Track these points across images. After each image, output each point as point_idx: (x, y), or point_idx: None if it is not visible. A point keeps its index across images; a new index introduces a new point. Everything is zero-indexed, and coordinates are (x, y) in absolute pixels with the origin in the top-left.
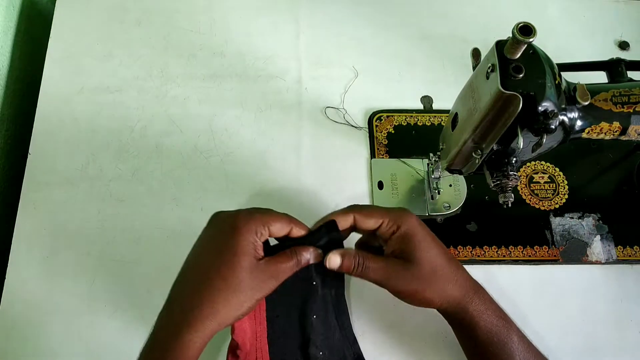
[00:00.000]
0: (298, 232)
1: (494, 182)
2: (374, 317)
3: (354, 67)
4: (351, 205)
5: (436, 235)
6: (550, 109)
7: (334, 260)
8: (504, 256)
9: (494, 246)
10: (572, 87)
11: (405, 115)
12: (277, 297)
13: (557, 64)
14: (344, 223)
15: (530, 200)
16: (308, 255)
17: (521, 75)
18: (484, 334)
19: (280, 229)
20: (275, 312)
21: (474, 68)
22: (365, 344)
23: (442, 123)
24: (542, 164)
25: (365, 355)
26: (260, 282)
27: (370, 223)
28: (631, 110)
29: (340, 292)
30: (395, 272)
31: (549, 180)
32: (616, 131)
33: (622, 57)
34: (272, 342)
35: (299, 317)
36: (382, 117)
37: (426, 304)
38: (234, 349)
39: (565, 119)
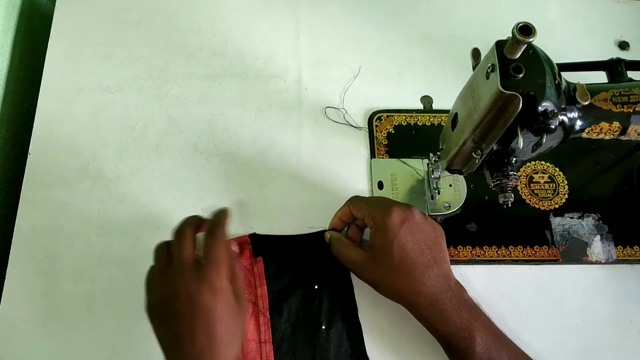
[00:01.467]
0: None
1: (494, 182)
2: (375, 316)
3: (354, 67)
4: (351, 197)
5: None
6: (550, 109)
7: (325, 235)
8: (504, 256)
9: (494, 246)
10: (572, 87)
11: (405, 115)
12: (281, 311)
13: (557, 64)
14: (344, 211)
15: (530, 200)
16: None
17: (521, 75)
18: (442, 339)
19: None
20: (280, 328)
21: (474, 68)
22: (366, 343)
23: (442, 123)
24: (542, 164)
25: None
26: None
27: (357, 214)
28: (631, 110)
29: (347, 302)
30: (360, 264)
31: (549, 180)
32: (616, 131)
33: (622, 57)
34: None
35: (306, 330)
36: (382, 117)
37: (385, 296)
38: None
39: (565, 119)
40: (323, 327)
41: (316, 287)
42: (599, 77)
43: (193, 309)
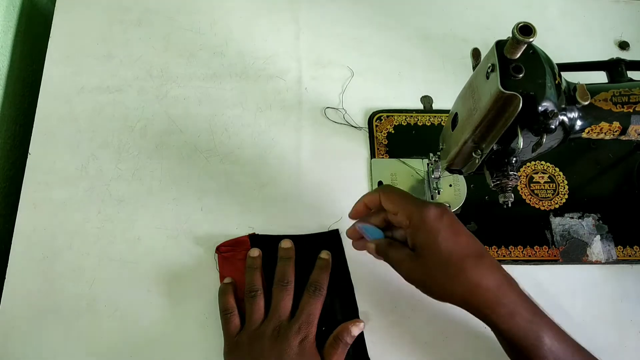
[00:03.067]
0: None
1: (494, 182)
2: (375, 316)
3: (353, 67)
4: (383, 185)
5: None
6: (550, 109)
7: (370, 247)
8: (504, 256)
9: (494, 246)
10: (572, 87)
11: (405, 115)
12: None
13: (557, 64)
14: (371, 198)
15: (530, 200)
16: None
17: (521, 75)
18: (509, 338)
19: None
20: None
21: (474, 68)
22: (366, 343)
23: (442, 123)
24: (542, 164)
25: None
26: None
27: (389, 207)
28: (631, 110)
29: (348, 303)
30: (407, 262)
31: (549, 180)
32: (616, 131)
33: (622, 57)
34: None
35: None
36: (382, 117)
37: (435, 298)
38: None
39: (565, 119)
40: (323, 328)
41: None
42: (599, 77)
43: (282, 349)
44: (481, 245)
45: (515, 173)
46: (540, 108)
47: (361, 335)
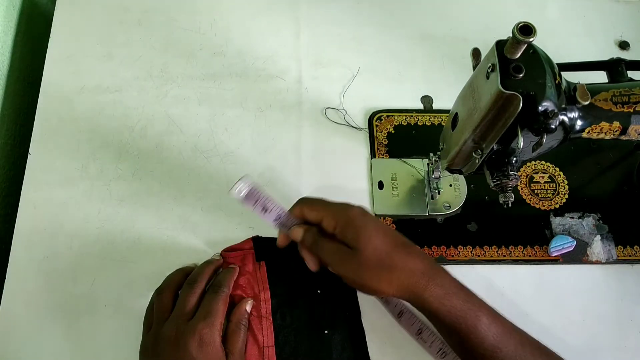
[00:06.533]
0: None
1: (494, 182)
2: (375, 316)
3: (354, 67)
4: (301, 198)
5: (427, 233)
6: (550, 109)
7: (296, 232)
8: (504, 256)
9: (494, 246)
10: (572, 87)
11: (406, 115)
12: (284, 315)
13: (557, 64)
14: (296, 213)
15: (530, 200)
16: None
17: (521, 75)
18: (448, 320)
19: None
20: (282, 332)
21: (474, 68)
22: (367, 344)
23: (442, 123)
24: (542, 164)
25: None
26: None
27: (312, 215)
28: (631, 110)
29: (350, 307)
30: (343, 257)
31: (549, 180)
32: (616, 131)
33: (622, 56)
34: None
35: (309, 334)
36: (382, 117)
37: (374, 293)
38: None
39: (565, 118)
40: (326, 332)
41: (319, 291)
42: (599, 77)
43: (179, 356)
44: (406, 238)
45: (515, 173)
46: (540, 108)
47: (361, 335)
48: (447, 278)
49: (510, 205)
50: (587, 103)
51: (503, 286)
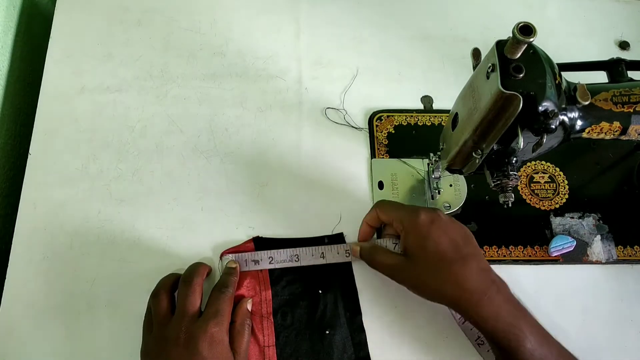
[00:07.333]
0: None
1: (494, 182)
2: (375, 316)
3: (354, 67)
4: (378, 201)
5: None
6: (550, 109)
7: (354, 249)
8: (504, 256)
9: (494, 246)
10: (573, 87)
11: (406, 115)
12: (285, 315)
13: (557, 64)
14: (370, 217)
15: (530, 200)
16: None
17: (521, 75)
18: (491, 338)
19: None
20: (283, 332)
21: (474, 68)
22: (367, 344)
23: (442, 123)
24: (542, 164)
25: None
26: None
27: (384, 217)
28: (631, 110)
29: (352, 307)
30: (397, 267)
31: (549, 180)
32: (616, 131)
33: (622, 56)
34: None
35: (310, 334)
36: (382, 117)
37: (426, 298)
38: None
39: (566, 118)
40: (327, 332)
41: (320, 291)
42: (599, 77)
43: (190, 356)
44: (474, 248)
45: (515, 173)
46: (540, 108)
47: (362, 334)
48: (498, 297)
49: (510, 205)
50: (587, 103)
51: None
